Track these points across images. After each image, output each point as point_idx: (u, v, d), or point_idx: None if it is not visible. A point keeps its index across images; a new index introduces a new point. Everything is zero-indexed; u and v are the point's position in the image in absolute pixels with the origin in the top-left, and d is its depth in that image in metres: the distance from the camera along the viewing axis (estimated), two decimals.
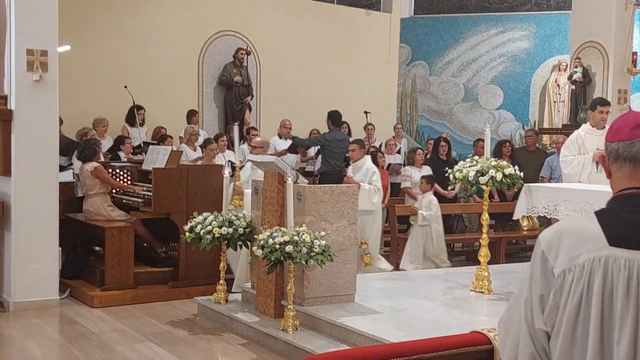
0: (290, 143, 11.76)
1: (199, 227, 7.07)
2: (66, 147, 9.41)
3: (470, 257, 10.90)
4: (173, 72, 12.47)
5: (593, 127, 7.74)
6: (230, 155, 11.22)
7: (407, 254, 9.55)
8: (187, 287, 8.24)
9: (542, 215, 7.13)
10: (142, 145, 10.63)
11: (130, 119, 11.44)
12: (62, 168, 9.11)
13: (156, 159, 8.74)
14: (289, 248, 5.98)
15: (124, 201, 8.83)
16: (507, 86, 14.90)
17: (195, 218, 7.23)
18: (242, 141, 12.14)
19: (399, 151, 12.85)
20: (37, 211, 7.71)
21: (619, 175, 2.08)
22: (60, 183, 8.16)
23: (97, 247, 8.99)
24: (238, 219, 7.13)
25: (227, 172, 7.46)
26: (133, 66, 12.06)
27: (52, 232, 7.85)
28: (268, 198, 6.91)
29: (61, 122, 9.05)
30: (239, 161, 8.47)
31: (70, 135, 10.20)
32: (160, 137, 11.01)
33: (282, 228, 6.28)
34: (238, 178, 7.93)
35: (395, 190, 11.14)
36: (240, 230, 7.07)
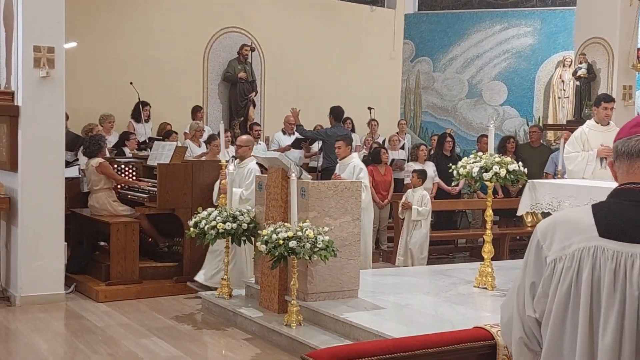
0: (293, 139, 11.78)
1: (204, 223, 7.11)
2: (72, 143, 9.45)
3: (473, 253, 10.92)
4: (178, 69, 12.50)
5: (597, 124, 7.74)
6: (233, 151, 11.25)
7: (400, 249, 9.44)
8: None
9: (546, 211, 7.15)
10: (147, 141, 10.67)
11: (136, 115, 11.48)
12: (68, 163, 9.15)
13: (161, 155, 8.78)
14: (293, 243, 6.01)
15: (129, 196, 8.88)
16: (512, 82, 14.88)
17: (199, 213, 7.27)
18: None
19: (403, 147, 12.86)
20: (43, 206, 7.75)
21: (620, 172, 2.13)
22: (65, 178, 8.20)
23: (102, 242, 9.03)
24: (242, 215, 7.17)
25: (232, 168, 7.50)
26: (138, 63, 12.09)
27: (58, 228, 7.89)
28: (272, 194, 6.94)
29: (67, 118, 9.08)
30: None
31: (76, 131, 10.25)
32: (165, 133, 11.05)
33: (286, 223, 6.31)
34: (224, 177, 7.88)
35: (398, 186, 11.17)
36: (244, 225, 7.10)
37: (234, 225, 7.04)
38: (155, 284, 8.31)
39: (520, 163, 7.13)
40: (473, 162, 7.03)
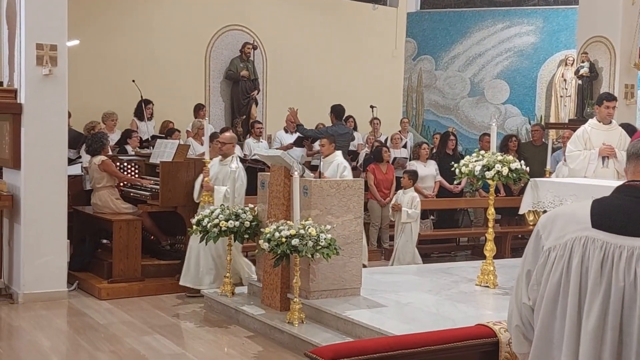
0: (296, 137, 11.78)
1: (206, 220, 7.12)
2: (74, 141, 9.46)
3: (475, 252, 10.94)
4: (180, 67, 12.51)
5: (599, 122, 7.74)
6: (236, 149, 11.25)
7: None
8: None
9: (549, 210, 7.15)
10: (150, 139, 10.68)
11: (139, 113, 11.49)
12: (71, 161, 9.17)
13: (164, 153, 8.79)
14: (295, 241, 6.02)
15: (132, 194, 8.89)
16: (514, 81, 14.87)
17: (202, 211, 7.28)
18: (249, 135, 12.18)
19: (405, 145, 12.87)
20: (46, 204, 7.77)
21: (629, 171, 2.23)
22: (68, 176, 8.22)
23: (105, 240, 9.05)
24: (244, 213, 7.18)
25: (234, 166, 7.51)
26: (141, 61, 12.10)
27: (61, 225, 7.91)
28: (274, 192, 6.95)
29: (69, 116, 9.09)
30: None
31: (78, 128, 10.26)
32: (167, 131, 11.07)
33: (289, 221, 6.32)
34: (207, 174, 7.86)
35: (400, 184, 11.15)
36: (246, 223, 7.11)
37: (237, 223, 7.05)
38: (157, 282, 8.33)
39: (522, 162, 7.14)
40: (475, 161, 7.04)
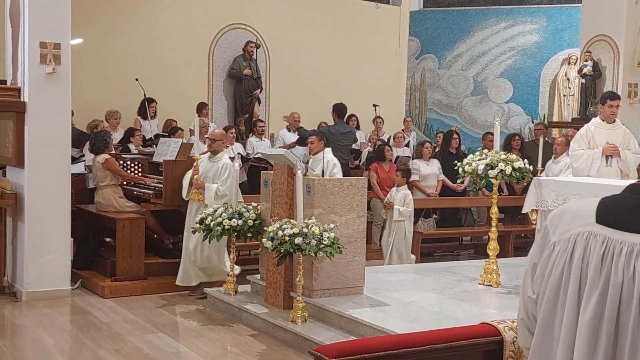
0: (298, 136, 11.77)
1: (209, 219, 7.12)
2: (77, 139, 9.47)
3: (478, 251, 10.94)
4: (183, 65, 12.51)
5: (603, 121, 7.74)
6: (239, 147, 11.27)
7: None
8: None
9: (552, 209, 7.15)
10: (153, 138, 10.69)
11: (142, 112, 11.48)
12: (74, 160, 9.17)
13: (167, 151, 8.79)
14: (299, 240, 6.02)
15: (135, 193, 8.89)
16: (517, 80, 14.87)
17: (205, 210, 7.29)
18: (251, 134, 12.18)
19: (408, 144, 12.86)
20: (50, 203, 7.77)
21: None
22: (71, 174, 8.22)
23: (108, 238, 9.05)
24: (248, 211, 7.18)
25: (237, 165, 7.51)
26: (144, 59, 12.10)
27: (64, 224, 7.91)
28: (277, 190, 6.95)
29: (72, 114, 9.10)
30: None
31: (81, 127, 10.27)
32: (170, 130, 11.06)
33: (292, 220, 6.32)
34: (197, 171, 7.79)
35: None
36: (249, 222, 7.12)
37: (240, 221, 7.05)
38: (160, 280, 8.33)
39: (525, 160, 7.13)
40: (479, 160, 7.04)
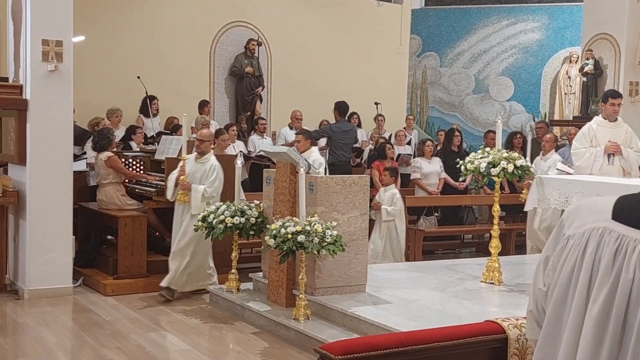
0: None
1: (212, 217, 7.12)
2: (79, 137, 9.47)
3: (480, 249, 10.93)
4: (185, 63, 12.51)
5: (605, 120, 7.74)
6: (240, 145, 11.26)
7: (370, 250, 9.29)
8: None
9: (553, 207, 7.14)
10: (155, 135, 10.68)
11: (144, 110, 11.47)
12: (75, 157, 9.16)
13: (169, 149, 8.79)
14: (301, 238, 6.02)
15: (137, 190, 8.88)
16: (518, 78, 14.87)
17: (207, 208, 7.29)
18: (253, 132, 12.18)
19: (409, 142, 12.86)
20: (52, 200, 7.77)
21: None
22: (72, 172, 8.22)
23: (110, 236, 9.05)
24: (250, 209, 7.18)
25: (240, 162, 7.51)
26: (145, 57, 12.10)
27: (66, 221, 7.91)
28: (280, 188, 6.95)
29: (73, 112, 9.09)
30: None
31: (82, 124, 10.26)
32: (172, 127, 11.06)
33: (294, 218, 6.32)
34: (183, 172, 7.68)
35: (405, 181, 11.18)
36: (252, 220, 7.11)
37: (242, 219, 7.05)
38: (162, 278, 8.29)
39: (527, 158, 7.14)
40: (481, 158, 7.05)
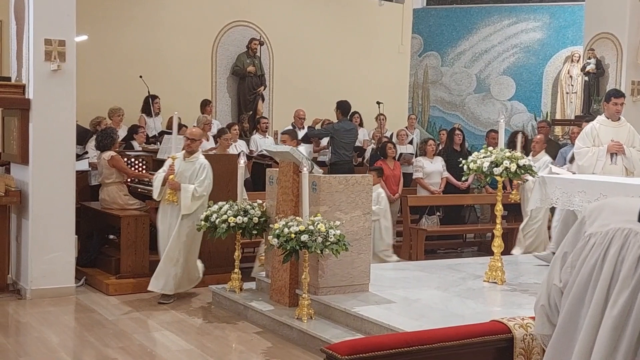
0: (304, 134, 11.79)
1: (215, 216, 7.12)
2: (80, 136, 9.47)
3: (482, 248, 10.94)
4: (187, 63, 12.52)
5: (608, 119, 7.73)
6: (242, 144, 11.26)
7: None
8: (202, 276, 8.28)
9: (556, 206, 7.15)
10: (158, 135, 10.68)
11: (146, 109, 11.47)
12: (77, 157, 9.16)
13: (171, 149, 8.77)
14: (305, 237, 6.02)
15: (139, 190, 8.88)
16: (520, 77, 14.84)
17: (210, 207, 7.29)
18: (255, 131, 12.18)
19: (411, 141, 12.87)
20: (54, 200, 7.78)
21: None
22: None
23: (112, 236, 9.06)
24: (253, 208, 7.18)
25: (243, 162, 7.51)
26: (147, 56, 12.11)
27: (69, 221, 7.92)
28: (283, 188, 6.95)
29: None
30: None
31: (84, 124, 10.26)
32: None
33: (297, 217, 6.31)
34: (173, 171, 7.61)
35: (407, 180, 11.18)
36: (255, 219, 7.12)
37: (245, 219, 7.05)
38: None
39: (530, 158, 7.14)
40: (483, 157, 7.05)
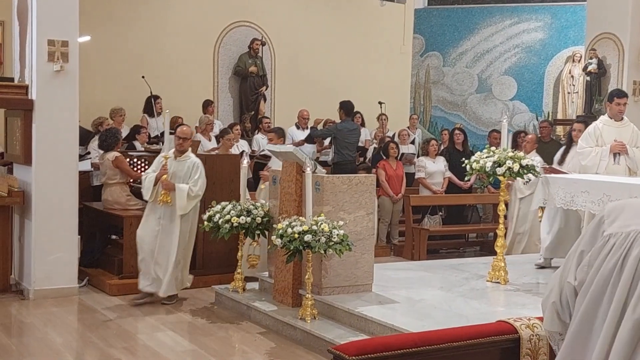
0: (307, 134, 11.80)
1: (218, 216, 7.12)
2: (82, 137, 9.45)
3: (484, 248, 10.94)
4: (189, 63, 12.52)
5: (611, 119, 7.73)
6: (244, 144, 11.27)
7: None
8: (205, 276, 8.29)
9: (559, 206, 7.14)
10: (160, 135, 10.67)
11: (148, 110, 11.46)
12: (79, 157, 9.16)
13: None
14: (308, 237, 6.02)
15: (141, 190, 8.87)
16: (521, 77, 14.85)
17: (213, 207, 7.29)
18: (257, 131, 12.18)
19: (413, 141, 12.87)
20: (57, 200, 7.77)
21: None
22: None
23: (114, 236, 9.05)
24: (256, 208, 7.18)
25: (246, 162, 7.51)
26: (149, 56, 12.11)
27: (72, 221, 7.91)
28: (286, 188, 6.95)
29: None
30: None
31: (85, 124, 10.25)
32: (177, 127, 11.03)
33: (301, 217, 6.32)
34: (165, 171, 7.48)
35: (409, 180, 11.19)
36: (258, 219, 7.12)
37: (248, 219, 7.06)
38: None
39: (532, 158, 7.15)
40: (486, 157, 7.05)
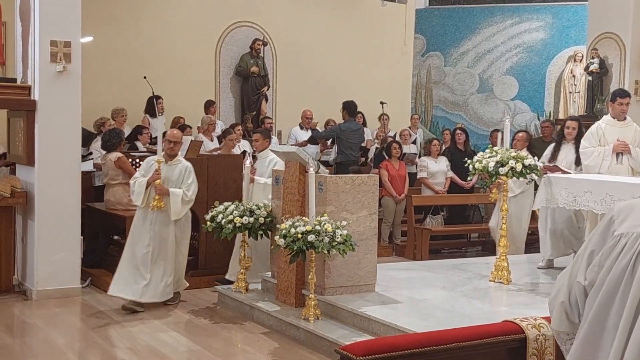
0: (310, 135, 11.82)
1: (220, 217, 7.13)
2: (84, 138, 9.45)
3: (486, 248, 10.94)
4: (191, 63, 12.52)
5: (613, 119, 7.74)
6: (245, 145, 11.27)
7: None
8: (208, 276, 8.30)
9: (562, 206, 7.15)
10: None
11: (150, 110, 11.45)
12: (82, 157, 9.16)
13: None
14: (311, 237, 6.02)
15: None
16: (523, 77, 14.86)
17: (216, 207, 7.29)
18: None
19: (415, 141, 12.88)
20: (60, 201, 7.78)
21: None
22: None
23: (117, 236, 9.06)
24: (259, 209, 7.19)
25: (249, 162, 7.51)
26: (151, 57, 12.10)
27: (74, 222, 7.92)
28: (289, 188, 6.95)
29: None
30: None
31: (87, 125, 10.24)
32: (179, 127, 11.05)
33: (304, 218, 6.32)
34: (159, 176, 7.34)
35: (411, 180, 11.20)
36: (261, 219, 7.12)
37: (251, 219, 7.06)
38: None
39: (535, 157, 7.15)
40: (489, 157, 7.05)
